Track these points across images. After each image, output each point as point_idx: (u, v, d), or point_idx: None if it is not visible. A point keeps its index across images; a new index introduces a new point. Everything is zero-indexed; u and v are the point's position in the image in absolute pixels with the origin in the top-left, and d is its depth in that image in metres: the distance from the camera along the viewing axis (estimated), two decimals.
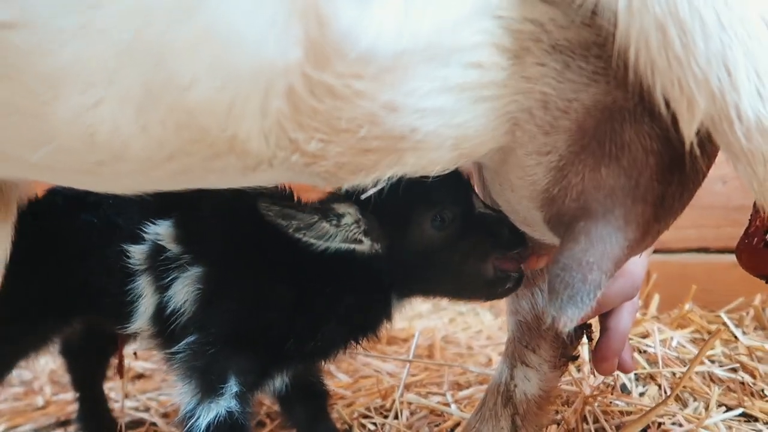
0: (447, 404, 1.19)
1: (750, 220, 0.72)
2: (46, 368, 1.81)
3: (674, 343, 1.15)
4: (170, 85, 0.42)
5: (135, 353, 1.59)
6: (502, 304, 1.40)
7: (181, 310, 0.82)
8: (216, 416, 0.76)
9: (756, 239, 0.69)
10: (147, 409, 1.37)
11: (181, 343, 0.80)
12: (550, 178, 0.61)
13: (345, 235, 0.76)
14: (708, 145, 0.60)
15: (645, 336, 1.18)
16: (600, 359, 0.82)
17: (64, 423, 1.36)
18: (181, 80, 0.41)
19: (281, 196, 0.82)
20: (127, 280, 0.84)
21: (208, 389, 0.77)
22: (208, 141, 0.47)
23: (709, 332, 1.21)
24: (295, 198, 0.83)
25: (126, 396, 1.49)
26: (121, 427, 1.25)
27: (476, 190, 0.82)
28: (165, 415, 1.33)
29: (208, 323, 0.81)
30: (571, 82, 0.58)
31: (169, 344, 0.83)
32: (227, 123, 0.46)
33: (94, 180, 0.56)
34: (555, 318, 0.59)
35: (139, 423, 1.29)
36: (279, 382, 0.88)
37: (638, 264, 0.80)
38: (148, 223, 0.84)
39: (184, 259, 0.82)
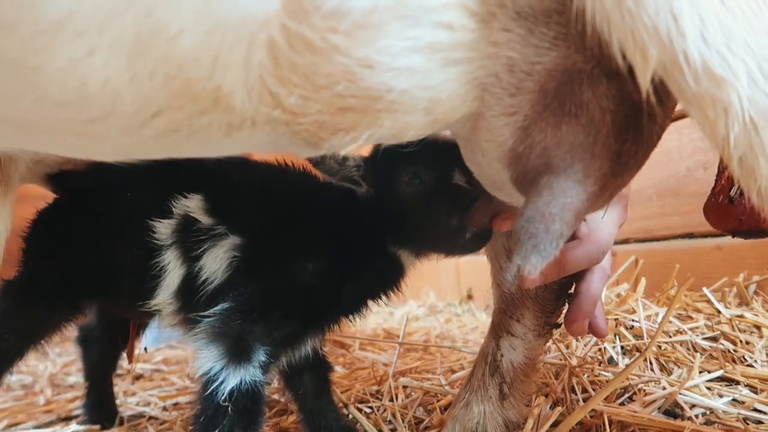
0: (441, 386, 1.21)
1: (716, 180, 0.76)
2: (45, 372, 1.83)
3: (659, 319, 1.18)
4: (159, 34, 0.45)
5: (146, 349, 1.62)
6: None
7: (212, 279, 0.86)
8: (241, 382, 0.79)
9: (722, 197, 0.73)
10: (147, 404, 1.39)
11: (215, 308, 0.83)
12: (516, 137, 0.65)
13: (345, 173, 0.87)
14: (660, 106, 0.64)
15: (631, 312, 1.20)
16: (571, 321, 0.86)
17: (66, 419, 1.38)
18: (169, 30, 0.44)
19: None
20: (151, 255, 0.88)
21: (237, 355, 0.80)
22: (194, 94, 0.51)
23: (696, 309, 1.24)
24: None
25: (125, 393, 1.51)
26: (122, 419, 1.28)
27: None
28: (165, 409, 1.35)
29: (241, 292, 0.84)
30: (534, 46, 0.62)
31: (191, 318, 0.86)
32: (212, 74, 0.49)
33: (85, 143, 0.59)
34: (520, 266, 0.63)
35: (139, 416, 1.31)
36: (310, 347, 0.93)
37: (604, 230, 0.84)
38: (177, 198, 0.89)
39: (218, 230, 0.87)
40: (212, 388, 0.79)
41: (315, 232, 0.91)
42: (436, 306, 2.95)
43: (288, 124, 0.59)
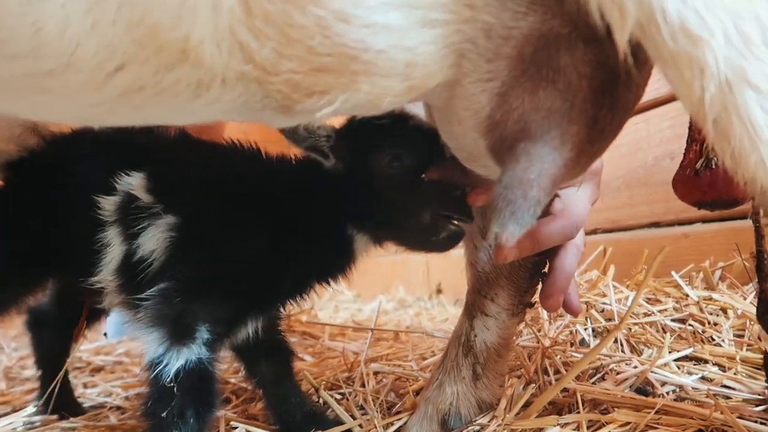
0: (413, 371, 1.20)
1: (684, 154, 0.77)
2: (0, 366, 1.76)
3: (629, 302, 1.19)
4: None
5: (105, 334, 1.56)
6: (465, 292, 1.42)
7: (150, 259, 0.82)
8: (186, 363, 0.77)
9: (688, 170, 0.74)
10: (109, 395, 1.34)
11: (152, 290, 0.80)
12: (493, 104, 0.65)
13: (313, 143, 0.82)
14: (636, 72, 0.64)
15: (602, 296, 1.21)
16: (546, 296, 0.86)
17: (21, 410, 1.32)
18: None
19: None
20: (95, 230, 0.85)
21: (179, 336, 0.78)
22: (160, 43, 0.48)
23: (665, 293, 1.25)
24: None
25: (86, 385, 1.46)
26: (83, 409, 1.23)
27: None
28: (127, 399, 1.30)
29: (180, 270, 0.82)
30: (512, 11, 0.62)
31: (135, 294, 0.83)
32: (180, 21, 0.47)
33: (45, 101, 0.56)
34: (498, 234, 0.62)
35: (100, 406, 1.27)
36: (252, 328, 0.89)
37: (578, 206, 0.84)
38: (121, 174, 0.85)
39: (157, 208, 0.84)
40: (157, 371, 0.77)
41: (257, 210, 0.87)
42: (406, 300, 2.94)
43: (260, 82, 0.57)
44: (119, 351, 1.81)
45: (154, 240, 0.83)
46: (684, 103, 0.56)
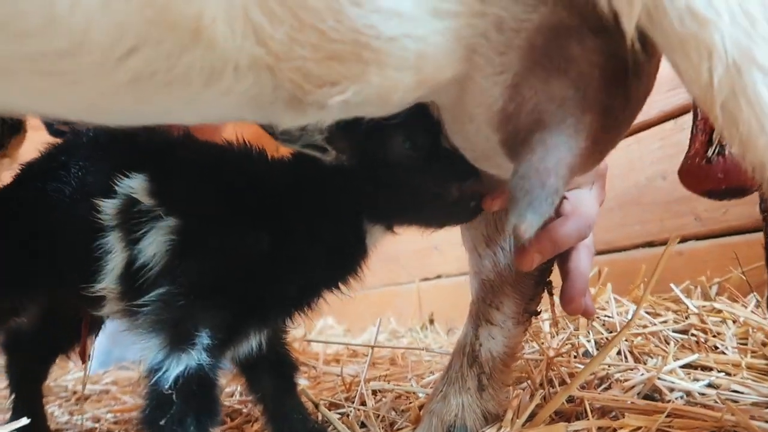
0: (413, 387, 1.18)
1: (690, 143, 0.77)
2: None
3: (629, 314, 1.19)
4: None
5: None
6: (458, 321, 1.37)
7: (151, 264, 0.80)
8: (186, 369, 0.74)
9: (698, 159, 0.74)
10: (97, 420, 1.29)
11: (151, 295, 0.78)
12: (506, 96, 0.65)
13: (307, 140, 0.77)
14: (645, 61, 0.65)
15: (603, 310, 1.21)
16: (567, 301, 0.85)
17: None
18: None
19: None
20: (95, 236, 0.83)
21: (178, 341, 0.75)
22: (173, 20, 0.48)
23: (666, 308, 1.25)
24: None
25: (72, 413, 1.41)
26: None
27: None
28: (116, 423, 1.26)
29: (180, 275, 0.79)
30: (522, 3, 0.63)
31: (135, 300, 0.80)
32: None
33: (53, 87, 0.56)
34: (516, 225, 0.62)
35: (89, 431, 1.22)
36: (255, 341, 0.86)
37: (589, 206, 0.85)
38: (120, 177, 0.83)
39: (158, 211, 0.82)
40: (156, 378, 0.74)
41: (262, 213, 0.84)
42: (398, 331, 2.90)
43: (271, 69, 0.57)
44: (106, 380, 1.76)
45: (155, 244, 0.81)
46: (691, 88, 0.57)
